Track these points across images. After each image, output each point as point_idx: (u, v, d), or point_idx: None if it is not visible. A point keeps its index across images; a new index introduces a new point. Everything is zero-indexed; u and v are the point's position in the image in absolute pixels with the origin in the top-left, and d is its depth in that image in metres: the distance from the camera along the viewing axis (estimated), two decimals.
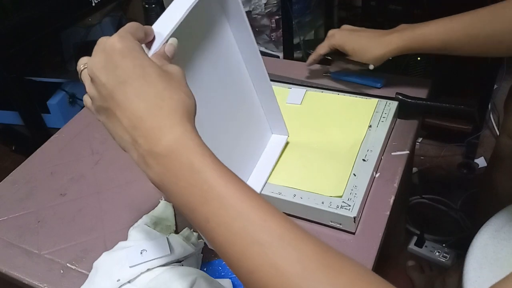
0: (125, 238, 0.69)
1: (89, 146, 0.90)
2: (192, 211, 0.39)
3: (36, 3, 1.43)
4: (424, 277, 1.24)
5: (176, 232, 0.71)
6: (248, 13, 1.92)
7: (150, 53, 0.47)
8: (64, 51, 2.27)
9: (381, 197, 0.72)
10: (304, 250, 0.36)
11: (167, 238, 0.64)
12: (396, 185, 0.73)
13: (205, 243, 0.68)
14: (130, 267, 0.61)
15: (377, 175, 0.75)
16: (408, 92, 0.86)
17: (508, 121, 0.99)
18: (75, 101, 2.01)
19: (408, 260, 1.30)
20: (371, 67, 0.84)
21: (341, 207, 0.67)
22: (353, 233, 0.67)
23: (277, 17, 1.92)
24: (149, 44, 0.47)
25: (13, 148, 1.88)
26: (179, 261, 0.64)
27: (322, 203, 0.68)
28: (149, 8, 0.91)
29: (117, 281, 0.61)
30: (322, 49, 0.88)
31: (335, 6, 1.93)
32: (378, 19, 1.56)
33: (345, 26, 0.87)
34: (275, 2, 1.88)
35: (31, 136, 1.53)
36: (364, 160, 0.74)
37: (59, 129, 0.96)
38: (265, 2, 1.88)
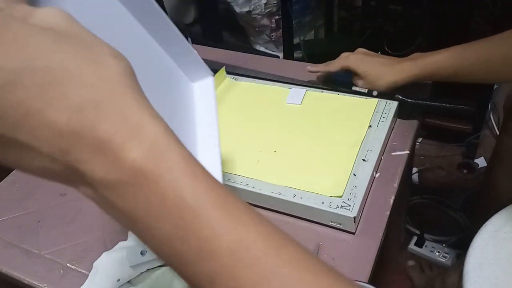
0: (125, 238, 0.69)
1: None
2: (187, 268, 0.26)
3: None
4: (424, 277, 1.24)
5: None
6: (248, 13, 1.92)
7: None
8: None
9: (381, 197, 0.72)
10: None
11: None
12: (396, 185, 0.73)
13: None
14: (130, 267, 0.61)
15: (377, 175, 0.75)
16: (408, 92, 0.86)
17: (508, 120, 0.99)
18: None
19: (408, 260, 1.30)
20: (375, 93, 0.84)
21: (341, 207, 0.67)
22: (353, 233, 0.67)
23: (277, 17, 1.92)
24: None
25: None
26: None
27: (322, 203, 0.68)
28: None
29: (117, 281, 0.61)
30: (332, 67, 0.88)
31: (335, 6, 1.93)
32: (378, 19, 1.56)
33: (360, 50, 0.88)
34: (275, 2, 1.88)
35: None
36: (364, 160, 0.74)
37: None
38: (265, 2, 1.88)
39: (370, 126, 0.80)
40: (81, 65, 0.25)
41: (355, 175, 0.72)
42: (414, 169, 1.55)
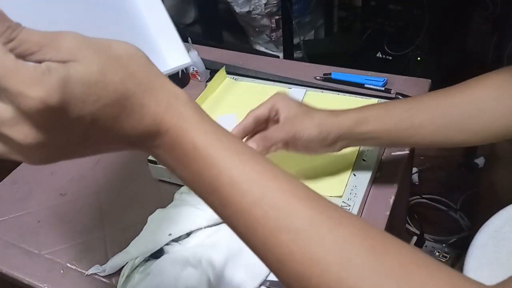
0: (125, 238, 0.69)
1: None
2: (206, 199, 0.35)
3: None
4: None
5: None
6: (248, 13, 1.92)
7: None
8: None
9: (381, 197, 0.72)
10: (341, 233, 0.32)
11: None
12: (396, 185, 0.73)
13: None
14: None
15: (377, 175, 0.75)
16: (408, 92, 0.86)
17: None
18: None
19: None
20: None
21: (341, 207, 0.67)
22: None
23: (277, 17, 1.92)
24: None
25: None
26: None
27: None
28: None
29: (169, 235, 0.66)
30: (258, 109, 0.66)
31: (335, 6, 1.93)
32: (378, 19, 1.56)
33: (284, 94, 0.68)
34: (275, 2, 1.88)
35: None
36: (364, 160, 0.74)
37: None
38: (265, 2, 1.88)
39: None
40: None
41: (355, 175, 0.72)
42: (414, 169, 1.55)
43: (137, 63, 0.33)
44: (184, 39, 0.67)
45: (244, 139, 0.65)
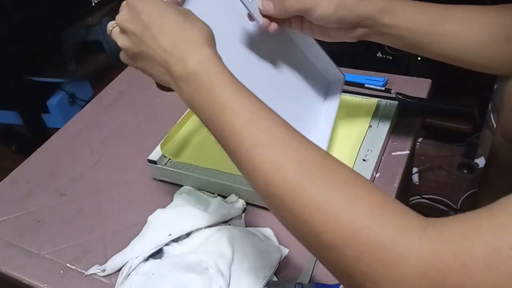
0: (125, 238, 0.69)
1: (89, 146, 0.90)
2: (212, 122, 0.45)
3: (36, 3, 1.43)
4: None
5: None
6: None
7: None
8: (64, 51, 2.26)
9: None
10: (303, 152, 0.41)
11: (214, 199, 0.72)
12: (396, 185, 0.73)
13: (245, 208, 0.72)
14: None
15: (377, 175, 0.75)
16: (408, 92, 0.86)
17: (502, 120, 0.99)
18: (75, 101, 2.01)
19: None
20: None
21: None
22: None
23: None
24: None
25: (13, 148, 1.88)
26: (225, 222, 0.70)
27: None
28: None
29: (169, 235, 0.66)
30: None
31: None
32: None
33: None
34: None
35: (31, 136, 1.53)
36: (364, 160, 0.74)
37: (59, 129, 0.96)
38: None
39: (370, 126, 0.79)
40: (187, 22, 0.48)
41: None
42: (414, 169, 1.55)
43: (206, 33, 0.48)
44: None
45: None
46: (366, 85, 0.91)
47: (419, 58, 1.51)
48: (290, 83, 0.73)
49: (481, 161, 1.56)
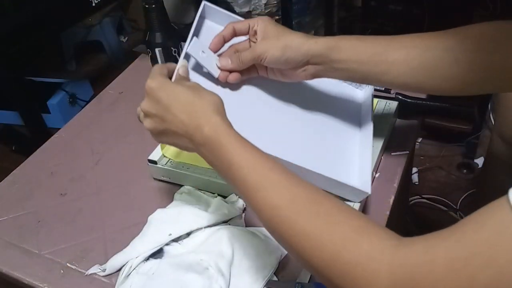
0: (125, 238, 0.70)
1: (89, 146, 0.90)
2: (226, 176, 0.54)
3: (36, 3, 1.43)
4: None
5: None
6: (248, 13, 1.92)
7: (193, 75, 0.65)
8: (64, 51, 2.27)
9: (381, 197, 0.72)
10: (294, 191, 0.48)
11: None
12: (396, 185, 0.73)
13: (245, 208, 0.71)
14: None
15: (377, 175, 0.75)
16: (408, 92, 0.86)
17: (499, 121, 0.99)
18: (75, 101, 2.01)
19: None
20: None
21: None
22: None
23: (277, 17, 1.92)
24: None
25: (13, 148, 1.88)
26: (225, 222, 0.70)
27: None
28: (149, 8, 0.90)
29: (169, 235, 0.66)
30: (239, 23, 0.69)
31: (335, 6, 1.92)
32: (378, 19, 1.56)
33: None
34: (275, 2, 1.88)
35: (31, 136, 1.53)
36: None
37: (59, 129, 0.96)
38: (265, 2, 1.88)
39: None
40: (196, 97, 0.56)
41: None
42: (414, 169, 1.55)
43: (215, 102, 0.56)
44: (184, 39, 0.68)
45: (220, 51, 0.68)
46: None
47: None
48: (321, 119, 0.74)
49: (480, 161, 1.56)
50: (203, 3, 0.72)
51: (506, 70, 0.57)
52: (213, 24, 0.74)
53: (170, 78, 0.61)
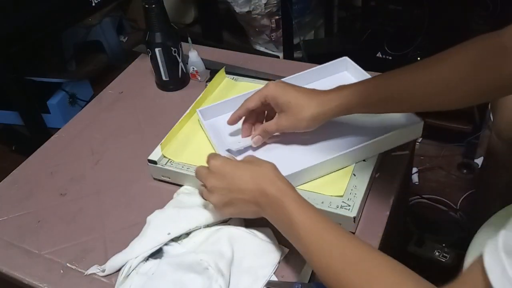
0: (125, 238, 0.70)
1: (89, 146, 0.90)
2: (288, 234, 0.60)
3: (36, 3, 1.43)
4: None
5: None
6: (248, 13, 1.92)
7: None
8: (64, 51, 2.27)
9: (381, 197, 0.72)
10: (345, 250, 0.54)
11: None
12: (396, 185, 0.73)
13: None
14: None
15: (377, 175, 0.75)
16: None
17: (496, 120, 0.99)
18: (75, 101, 2.01)
19: (408, 260, 1.30)
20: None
21: (341, 207, 0.67)
22: (353, 233, 0.67)
23: (277, 17, 1.92)
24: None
25: (13, 148, 1.88)
26: (225, 221, 0.70)
27: (322, 203, 0.68)
28: (149, 8, 0.90)
29: (168, 234, 0.67)
30: (251, 102, 0.76)
31: (335, 6, 1.93)
32: (378, 19, 1.56)
33: (279, 80, 0.77)
34: (275, 2, 1.88)
35: (31, 136, 1.53)
36: (364, 160, 0.74)
37: (59, 129, 0.96)
38: (265, 2, 1.88)
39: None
40: (256, 167, 0.63)
41: (355, 175, 0.72)
42: (414, 169, 1.55)
43: (271, 172, 0.63)
44: (184, 39, 0.68)
45: (250, 137, 0.79)
46: None
47: (418, 58, 1.51)
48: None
49: (480, 161, 1.56)
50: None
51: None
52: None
53: None
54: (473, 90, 0.61)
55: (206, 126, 0.82)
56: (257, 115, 0.79)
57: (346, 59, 0.90)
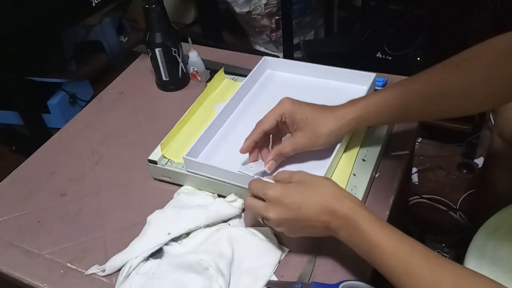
0: (125, 238, 0.70)
1: (89, 146, 0.90)
2: (367, 256, 0.57)
3: (36, 3, 1.43)
4: None
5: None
6: (248, 13, 1.92)
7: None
8: (64, 51, 2.27)
9: (381, 197, 0.72)
10: (435, 274, 0.50)
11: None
12: (396, 185, 0.74)
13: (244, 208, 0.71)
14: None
15: (377, 175, 0.75)
16: None
17: (499, 120, 1.00)
18: (75, 101, 2.01)
19: None
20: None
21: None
22: None
23: (277, 17, 1.92)
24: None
25: (13, 148, 1.88)
26: (225, 221, 0.70)
27: None
28: (149, 8, 0.91)
29: (168, 234, 0.66)
30: (266, 122, 0.71)
31: (335, 6, 1.93)
32: (378, 19, 1.56)
33: (289, 98, 0.73)
34: (275, 2, 1.88)
35: (31, 136, 1.53)
36: (364, 160, 0.74)
37: (59, 129, 0.96)
38: (265, 2, 1.88)
39: (370, 126, 0.79)
40: (318, 190, 0.60)
41: (355, 175, 0.72)
42: (414, 169, 1.55)
43: (330, 190, 0.60)
44: (184, 39, 0.68)
45: (259, 161, 0.74)
46: None
47: (418, 59, 1.51)
48: None
49: (480, 161, 1.56)
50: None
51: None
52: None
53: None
54: (492, 94, 0.59)
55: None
56: (266, 137, 0.75)
57: (373, 75, 0.86)
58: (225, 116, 0.85)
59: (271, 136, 0.76)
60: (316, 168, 0.70)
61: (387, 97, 0.68)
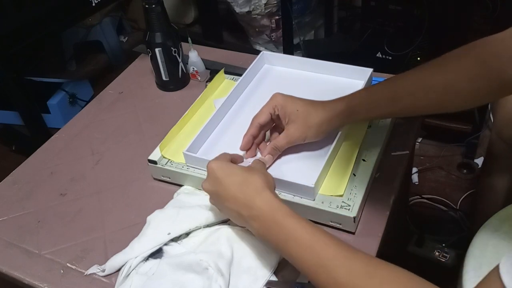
0: (125, 238, 0.70)
1: (89, 146, 0.90)
2: (281, 249, 0.57)
3: (36, 3, 1.43)
4: None
5: None
6: (248, 13, 1.92)
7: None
8: (64, 51, 2.27)
9: (381, 197, 0.72)
10: (350, 265, 0.52)
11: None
12: (396, 185, 0.74)
13: None
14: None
15: (377, 175, 0.75)
16: None
17: (497, 120, 1.00)
18: (75, 101, 2.01)
19: (408, 260, 1.30)
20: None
21: (341, 207, 0.67)
22: (353, 233, 0.67)
23: (277, 17, 1.92)
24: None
25: (13, 148, 1.88)
26: (224, 221, 0.70)
27: (322, 203, 0.68)
28: (149, 8, 0.91)
29: (168, 234, 0.67)
30: (261, 116, 0.75)
31: (335, 6, 1.93)
32: (378, 19, 1.56)
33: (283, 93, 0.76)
34: (275, 2, 1.88)
35: (31, 136, 1.53)
36: (364, 160, 0.74)
37: (59, 129, 0.96)
38: (265, 2, 1.88)
39: (370, 126, 0.80)
40: (249, 175, 0.62)
41: (355, 175, 0.72)
42: (414, 169, 1.55)
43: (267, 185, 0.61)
44: (184, 39, 0.68)
45: (258, 154, 0.77)
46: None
47: (418, 59, 1.51)
48: None
49: (480, 161, 1.56)
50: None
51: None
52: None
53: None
54: (477, 92, 0.61)
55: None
56: (263, 133, 0.78)
57: (370, 71, 0.87)
58: (224, 111, 0.86)
59: (268, 132, 0.78)
60: (313, 166, 0.71)
61: (376, 91, 0.69)
